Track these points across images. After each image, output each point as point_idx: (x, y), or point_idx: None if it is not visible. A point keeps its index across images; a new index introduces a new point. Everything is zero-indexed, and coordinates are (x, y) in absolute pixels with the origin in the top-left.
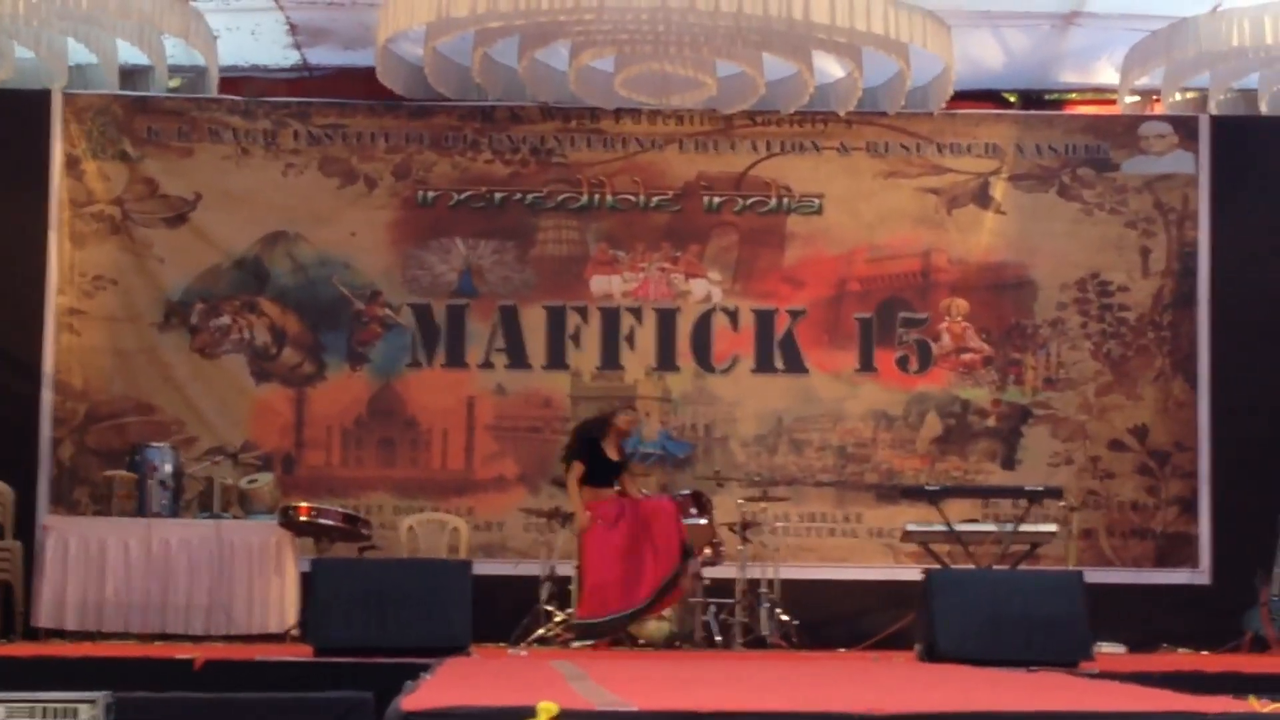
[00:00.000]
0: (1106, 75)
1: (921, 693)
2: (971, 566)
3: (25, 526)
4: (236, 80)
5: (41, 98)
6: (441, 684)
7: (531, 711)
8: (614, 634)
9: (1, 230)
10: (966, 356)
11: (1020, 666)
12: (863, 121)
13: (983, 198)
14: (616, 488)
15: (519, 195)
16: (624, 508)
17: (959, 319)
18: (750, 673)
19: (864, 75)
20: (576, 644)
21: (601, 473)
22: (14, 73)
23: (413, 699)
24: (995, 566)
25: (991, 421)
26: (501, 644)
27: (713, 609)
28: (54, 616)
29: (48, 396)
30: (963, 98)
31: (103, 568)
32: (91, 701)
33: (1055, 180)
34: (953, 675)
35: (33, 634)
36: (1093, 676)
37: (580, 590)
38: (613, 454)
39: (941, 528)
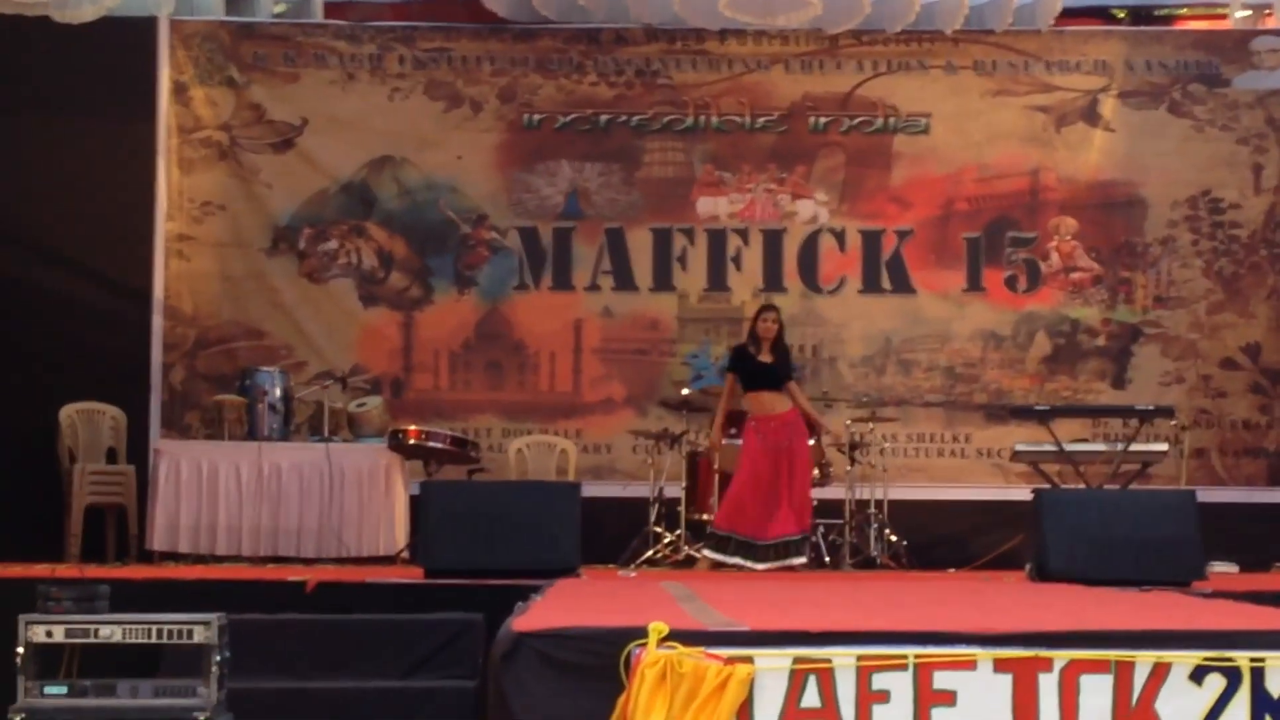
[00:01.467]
0: None
1: (1033, 613)
2: (1082, 486)
3: (138, 450)
4: (341, 5)
5: (148, 25)
6: (552, 605)
7: (642, 632)
8: (737, 557)
9: (110, 157)
10: (1076, 275)
11: (1132, 586)
12: (969, 40)
13: (1091, 115)
14: (780, 393)
15: (624, 117)
16: (785, 439)
17: (1068, 238)
18: (860, 593)
19: None
20: (707, 551)
21: (753, 377)
22: (121, 0)
23: (524, 620)
24: (1106, 486)
25: (1101, 340)
26: (610, 566)
27: (821, 530)
28: (167, 540)
29: (158, 322)
30: (1071, 14)
31: (214, 491)
32: (205, 623)
33: (1165, 97)
34: (1064, 595)
35: (146, 557)
36: (1206, 596)
37: (721, 497)
38: (763, 357)
39: (1051, 447)
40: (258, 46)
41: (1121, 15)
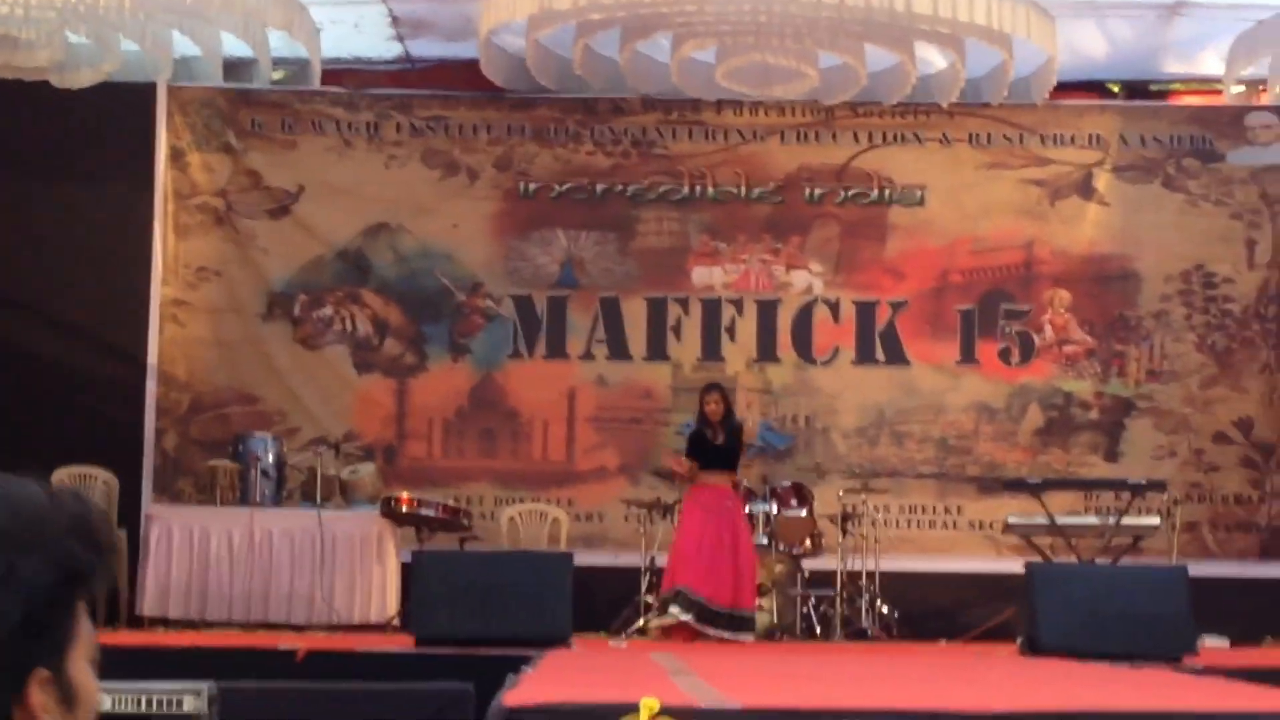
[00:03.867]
0: (1212, 65)
1: (1026, 689)
2: (1073, 560)
3: (130, 515)
4: (339, 72)
5: (146, 90)
6: (543, 678)
7: (634, 708)
8: (690, 614)
9: (107, 222)
10: (1069, 348)
11: (1123, 661)
12: (965, 112)
13: (1086, 189)
14: (730, 473)
15: (620, 187)
16: (725, 505)
17: (1062, 311)
18: (852, 667)
19: (967, 66)
20: (659, 618)
21: (708, 459)
22: (120, 65)
23: (515, 694)
24: (1097, 560)
25: (1094, 414)
26: (601, 634)
27: (813, 601)
28: (158, 605)
29: (152, 387)
30: (1066, 88)
31: (206, 557)
32: (196, 691)
33: (1160, 171)
34: (1055, 670)
35: (137, 622)
36: (1196, 672)
37: (669, 560)
38: (717, 439)
39: (1043, 520)
40: (255, 113)
41: (1116, 90)
